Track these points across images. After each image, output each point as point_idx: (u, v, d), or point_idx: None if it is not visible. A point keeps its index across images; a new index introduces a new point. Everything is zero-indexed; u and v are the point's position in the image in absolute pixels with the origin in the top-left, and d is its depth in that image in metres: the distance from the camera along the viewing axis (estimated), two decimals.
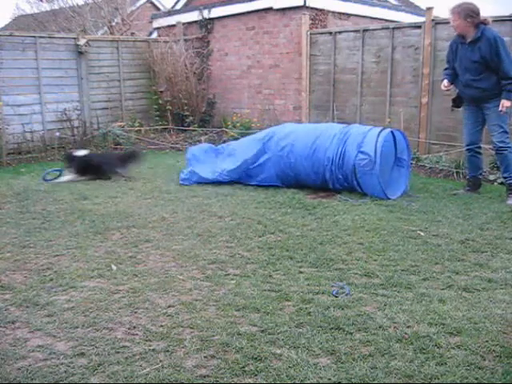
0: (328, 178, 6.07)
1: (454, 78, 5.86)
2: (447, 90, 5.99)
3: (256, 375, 2.46)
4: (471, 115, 5.84)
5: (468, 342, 2.70)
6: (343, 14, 10.25)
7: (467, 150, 6.01)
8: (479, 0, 5.70)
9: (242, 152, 6.59)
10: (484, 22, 5.47)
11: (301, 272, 3.75)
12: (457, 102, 5.96)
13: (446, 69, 6.01)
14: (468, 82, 5.65)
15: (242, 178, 6.56)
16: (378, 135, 5.83)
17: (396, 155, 6.28)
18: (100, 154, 8.59)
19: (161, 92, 11.10)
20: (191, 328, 2.93)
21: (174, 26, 11.73)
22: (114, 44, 10.58)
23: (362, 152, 5.80)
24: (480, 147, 6.00)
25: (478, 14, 5.42)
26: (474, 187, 6.06)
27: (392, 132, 6.13)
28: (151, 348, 2.71)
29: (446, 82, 5.88)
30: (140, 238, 4.58)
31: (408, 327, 2.88)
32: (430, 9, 7.99)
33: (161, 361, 2.58)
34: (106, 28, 14.50)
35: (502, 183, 6.48)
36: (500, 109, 5.46)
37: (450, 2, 5.83)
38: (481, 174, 6.21)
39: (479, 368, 2.48)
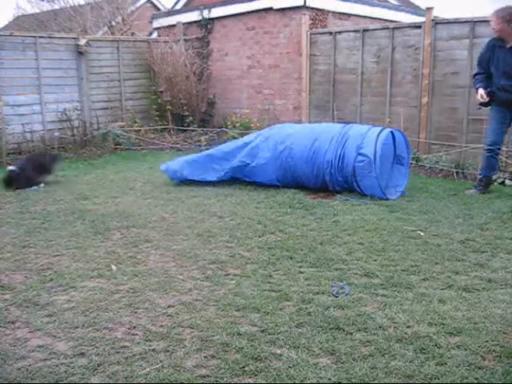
0: (328, 180, 6.05)
1: (486, 83, 5.69)
2: (485, 100, 5.64)
3: (256, 375, 2.46)
4: (500, 116, 5.72)
5: (468, 342, 2.70)
6: (343, 14, 10.24)
7: (488, 149, 5.88)
8: (479, 0, 5.71)
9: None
10: None
11: (301, 272, 3.75)
12: (488, 101, 5.70)
13: (477, 73, 5.80)
14: (505, 87, 5.56)
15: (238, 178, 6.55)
16: (377, 137, 5.81)
17: (395, 153, 6.28)
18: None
19: (161, 92, 11.09)
20: (191, 328, 2.93)
21: (174, 26, 11.74)
22: (114, 44, 10.57)
23: (361, 154, 5.79)
24: (500, 148, 5.91)
25: None
26: (486, 187, 5.99)
27: (391, 132, 6.12)
28: (151, 348, 2.71)
29: (482, 90, 5.61)
30: (140, 237, 4.58)
31: (408, 327, 2.88)
32: (429, 9, 7.99)
33: (161, 361, 2.58)
34: (106, 28, 14.49)
35: (502, 183, 6.49)
36: None
37: (450, 1, 5.84)
38: (494, 175, 6.16)
39: (479, 368, 2.48)
